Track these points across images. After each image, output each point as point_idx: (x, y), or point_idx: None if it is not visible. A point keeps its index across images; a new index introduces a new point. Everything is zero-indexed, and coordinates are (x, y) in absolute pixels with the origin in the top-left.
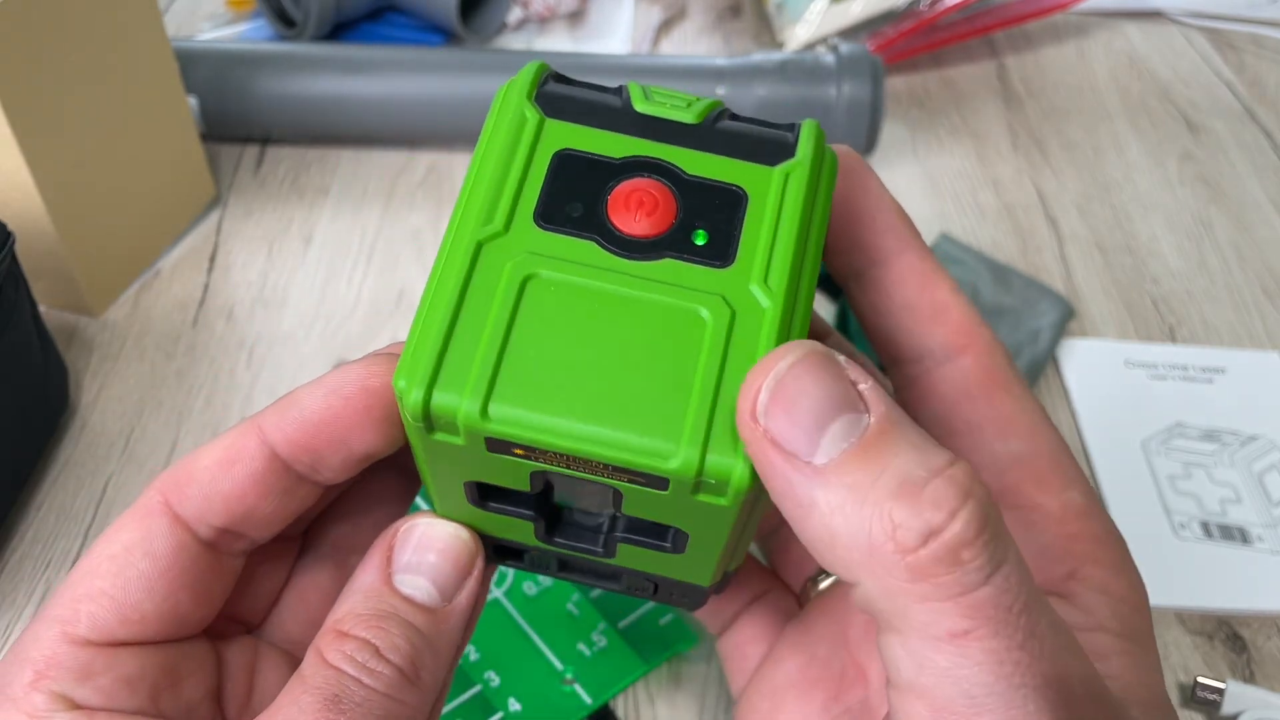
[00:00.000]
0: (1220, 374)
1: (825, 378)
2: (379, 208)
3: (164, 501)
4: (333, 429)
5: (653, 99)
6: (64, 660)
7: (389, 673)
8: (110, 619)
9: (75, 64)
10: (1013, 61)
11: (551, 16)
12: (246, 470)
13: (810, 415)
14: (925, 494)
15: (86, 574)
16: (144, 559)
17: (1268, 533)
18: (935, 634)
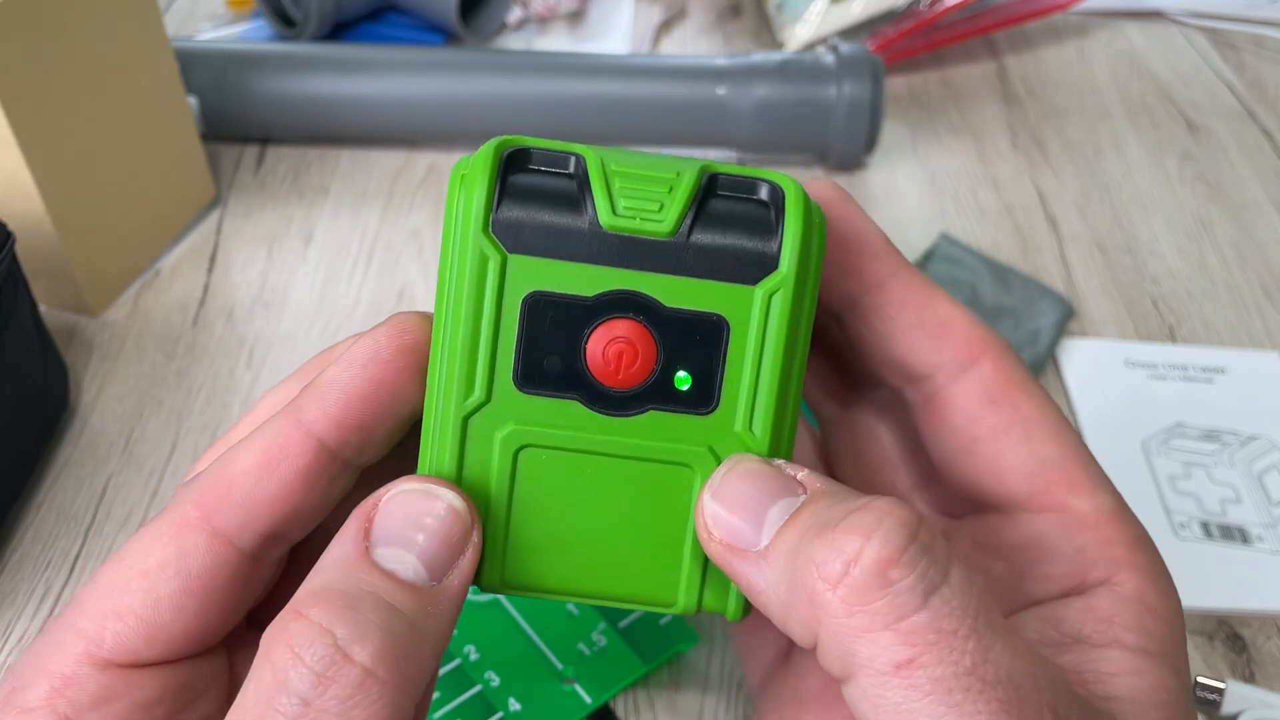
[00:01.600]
0: (1220, 374)
1: (757, 474)
2: (379, 208)
3: (201, 515)
4: (381, 397)
5: (620, 204)
6: (84, 682)
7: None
8: (136, 640)
9: (75, 64)
10: (1013, 61)
11: (551, 16)
12: (293, 468)
13: (749, 509)
14: (840, 528)
15: (116, 588)
16: (176, 578)
17: (1268, 533)
18: (881, 668)
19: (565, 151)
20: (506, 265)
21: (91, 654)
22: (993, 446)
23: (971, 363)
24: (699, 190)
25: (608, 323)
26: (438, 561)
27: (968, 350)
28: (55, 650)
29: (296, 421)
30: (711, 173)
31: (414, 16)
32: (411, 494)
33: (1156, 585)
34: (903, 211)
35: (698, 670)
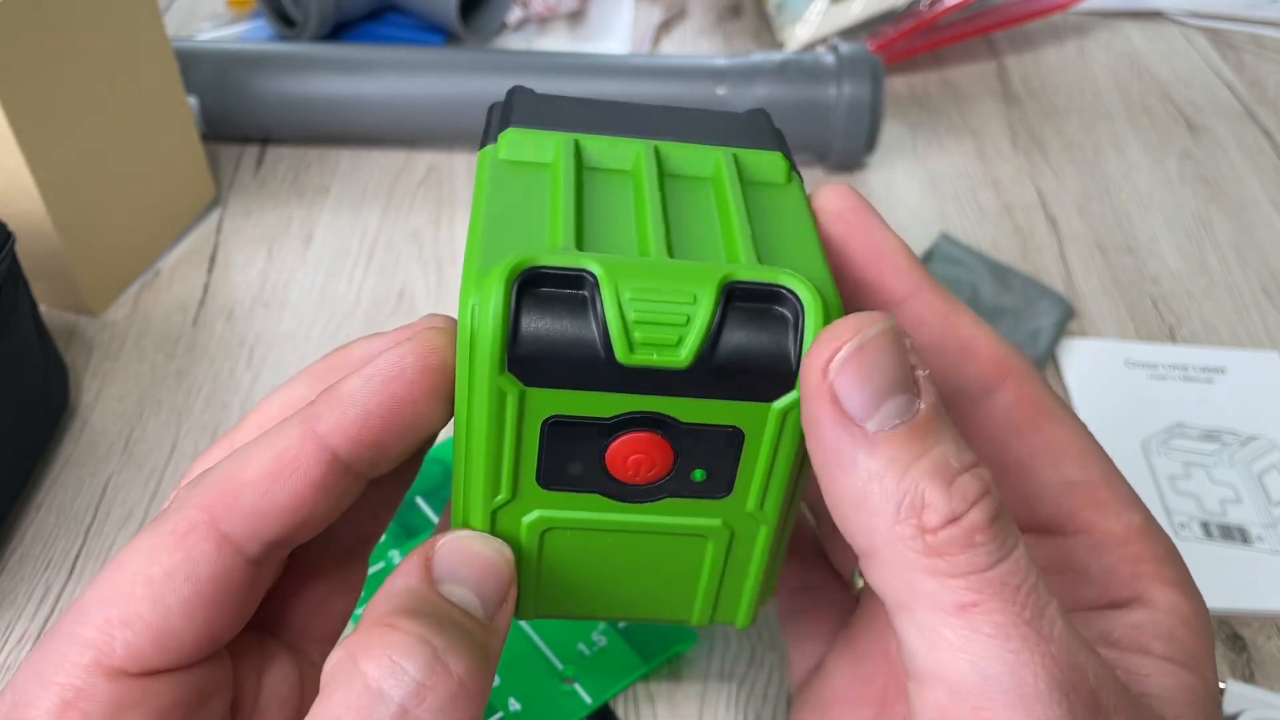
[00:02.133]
0: (1220, 374)
1: (897, 356)
2: (379, 208)
3: (209, 520)
4: (401, 416)
5: (636, 337)
6: (97, 693)
7: (448, 686)
8: (148, 648)
9: (75, 64)
10: (1013, 61)
11: (551, 16)
12: (305, 479)
13: (875, 385)
14: (956, 483)
15: (120, 596)
16: (186, 584)
17: (1268, 533)
18: (943, 606)
19: (578, 269)
20: (525, 397)
21: (101, 663)
22: (1018, 475)
23: (995, 386)
24: (716, 314)
25: (627, 434)
26: (491, 600)
27: (991, 373)
28: (59, 661)
29: (311, 432)
30: (730, 285)
31: (414, 16)
32: (466, 539)
33: (1186, 598)
34: (903, 211)
35: (698, 670)
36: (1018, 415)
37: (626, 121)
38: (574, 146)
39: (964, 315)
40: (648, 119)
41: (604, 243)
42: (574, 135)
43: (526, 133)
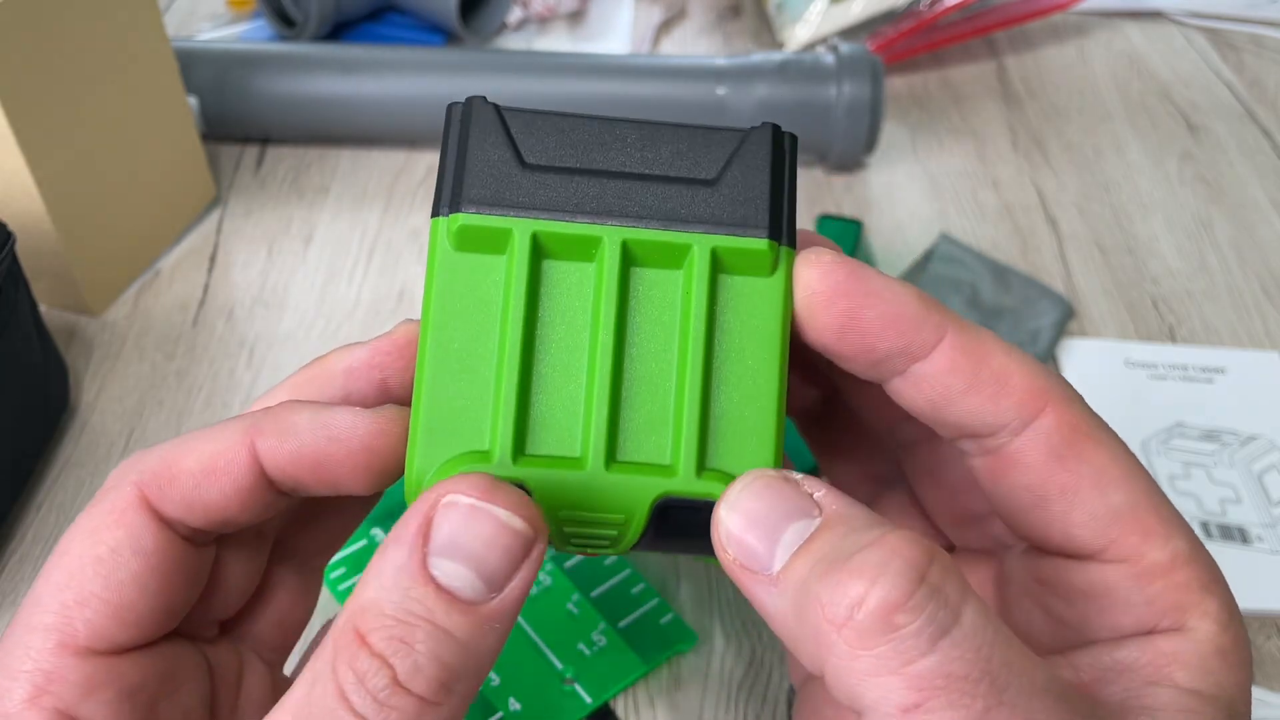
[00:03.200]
0: (1220, 374)
1: (774, 492)
2: (379, 208)
3: (142, 497)
4: (326, 471)
5: (570, 540)
6: (66, 674)
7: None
8: (108, 624)
9: (75, 64)
10: (1013, 61)
11: (551, 16)
12: (233, 483)
13: (763, 529)
14: (847, 567)
15: (73, 579)
16: (134, 558)
17: (1267, 533)
18: (888, 711)
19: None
20: None
21: (66, 645)
22: (1061, 504)
23: (1034, 416)
24: (646, 527)
25: None
26: (497, 575)
27: (1029, 404)
28: (24, 651)
29: (248, 443)
30: (664, 501)
31: (414, 16)
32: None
33: (1227, 629)
34: (903, 211)
35: (698, 670)
36: (1058, 441)
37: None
38: (529, 255)
39: (994, 347)
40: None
41: (548, 412)
42: (532, 227)
43: (482, 221)
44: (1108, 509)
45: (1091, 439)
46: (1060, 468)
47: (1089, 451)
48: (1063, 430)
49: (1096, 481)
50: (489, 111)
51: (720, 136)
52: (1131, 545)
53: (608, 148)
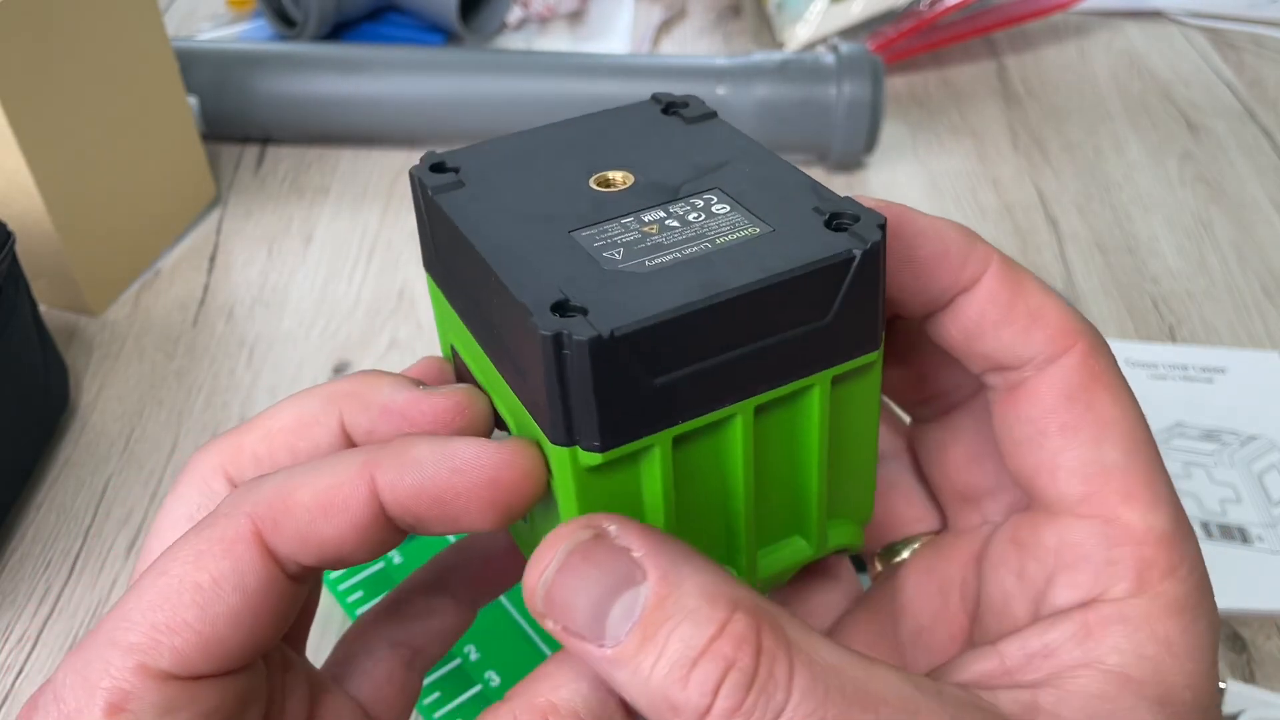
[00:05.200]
0: (1220, 374)
1: (592, 569)
2: (379, 208)
3: (255, 531)
4: (449, 506)
5: None
6: (145, 695)
7: None
8: (196, 654)
9: (75, 64)
10: (1013, 61)
11: (551, 16)
12: (351, 520)
13: (588, 608)
14: (692, 679)
15: (167, 603)
16: (235, 594)
17: (1268, 533)
18: None
19: None
20: None
21: (148, 667)
22: (1058, 442)
23: (1061, 353)
24: None
25: None
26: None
27: (1060, 340)
28: (104, 667)
29: (368, 477)
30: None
31: (414, 16)
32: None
33: (1180, 619)
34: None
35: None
36: (1074, 382)
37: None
38: (670, 456)
39: (1030, 283)
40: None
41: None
42: (670, 434)
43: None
44: (1099, 461)
45: (1108, 390)
46: (1066, 408)
47: (1100, 400)
48: (1081, 373)
49: (1097, 431)
50: (608, 345)
51: (830, 273)
52: (1110, 504)
53: (724, 330)
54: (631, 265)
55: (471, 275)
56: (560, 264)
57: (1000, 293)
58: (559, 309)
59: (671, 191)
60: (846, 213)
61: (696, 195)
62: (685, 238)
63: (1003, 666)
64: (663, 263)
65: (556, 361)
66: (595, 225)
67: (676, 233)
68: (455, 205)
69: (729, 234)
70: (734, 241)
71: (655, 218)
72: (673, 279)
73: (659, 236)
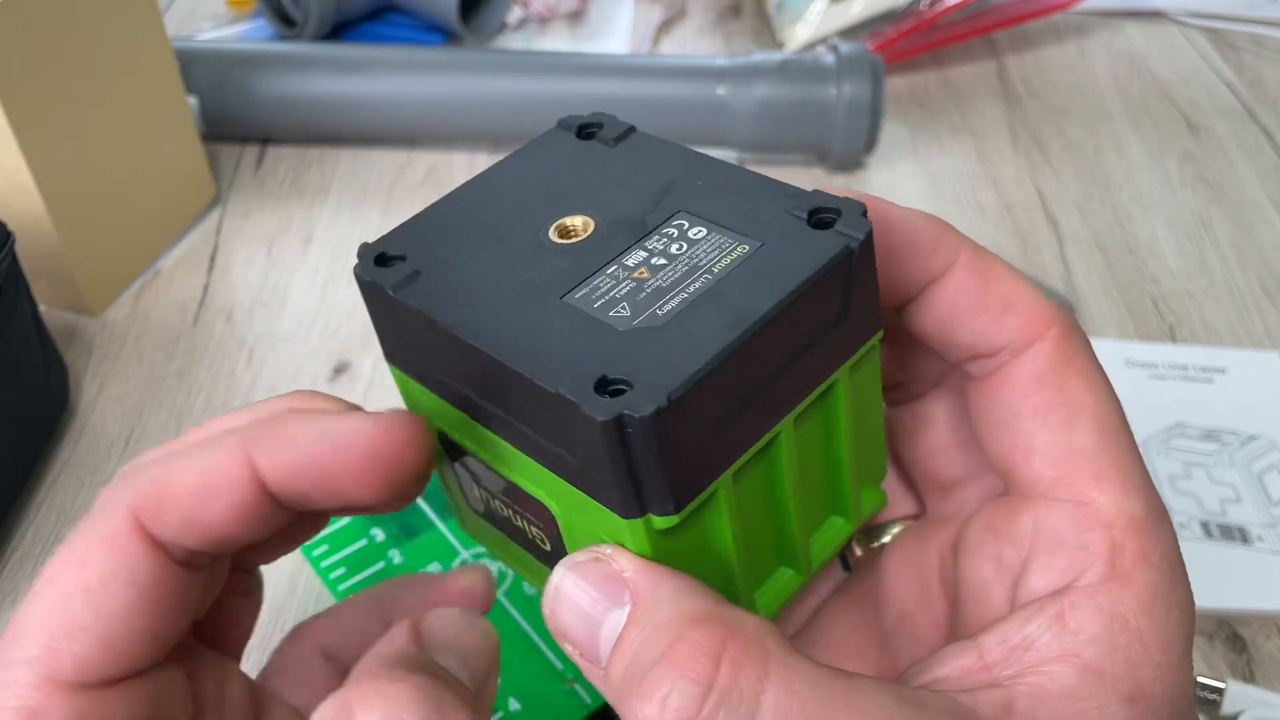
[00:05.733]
0: (1220, 374)
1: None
2: (379, 208)
3: (136, 522)
4: (331, 483)
5: None
6: (53, 709)
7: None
8: (95, 657)
9: (75, 64)
10: (1013, 61)
11: (551, 16)
12: (231, 501)
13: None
14: (642, 687)
15: (59, 610)
16: (126, 588)
17: (1268, 533)
18: None
19: None
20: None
21: (52, 679)
22: (1031, 425)
23: (1035, 339)
24: None
25: None
26: (478, 676)
27: (1032, 327)
28: (7, 688)
29: (245, 458)
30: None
31: (414, 16)
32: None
33: (1152, 611)
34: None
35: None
36: (1046, 367)
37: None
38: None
39: (1002, 271)
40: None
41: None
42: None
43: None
44: (1070, 444)
45: (1080, 375)
46: (1039, 391)
47: (1072, 384)
48: (1054, 358)
49: (1070, 415)
50: (669, 413)
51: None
52: (1081, 487)
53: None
54: (645, 319)
55: (470, 369)
56: (573, 337)
57: (972, 281)
58: (602, 388)
59: (639, 226)
60: (825, 207)
61: (665, 224)
62: (681, 274)
63: (982, 662)
64: (674, 308)
65: (621, 443)
66: (583, 284)
67: (668, 271)
68: (423, 298)
69: (720, 258)
70: (731, 266)
71: (639, 260)
72: (695, 323)
73: (654, 279)
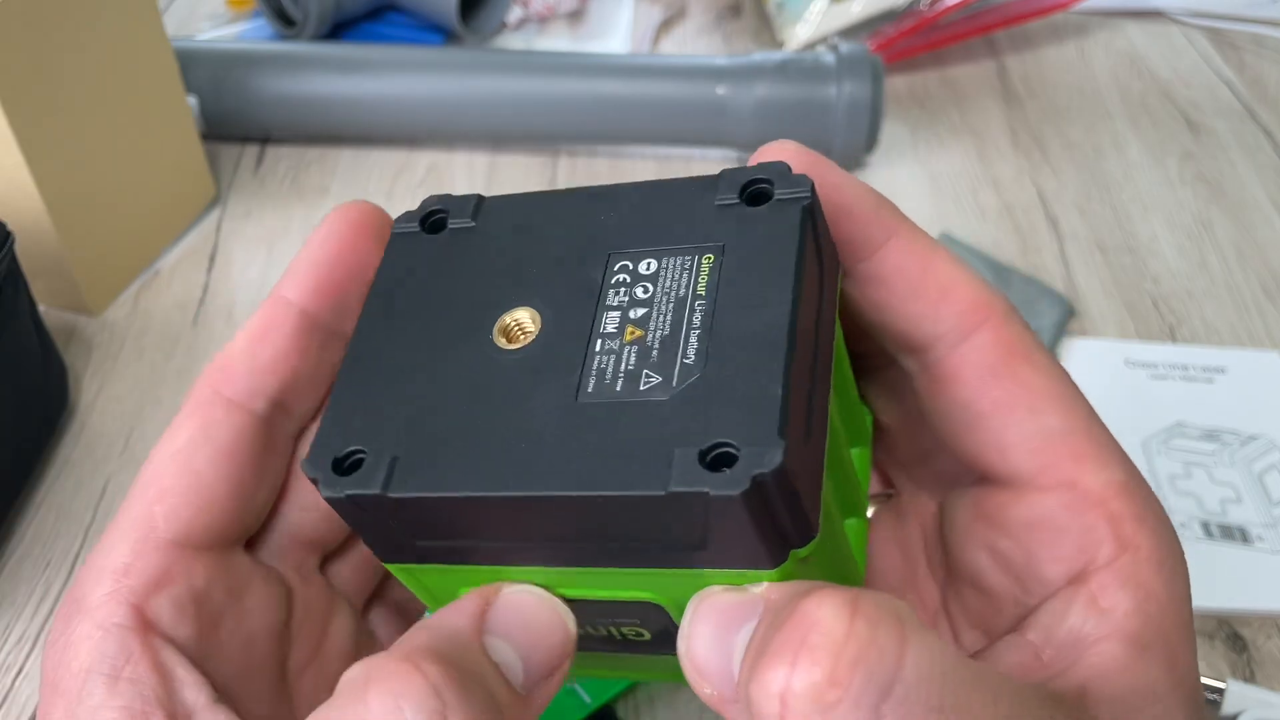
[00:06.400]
0: (1220, 374)
1: (719, 608)
2: None
3: (213, 391)
4: (346, 260)
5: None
6: (143, 565)
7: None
8: (184, 510)
9: (75, 64)
10: (1013, 61)
11: (551, 16)
12: (282, 334)
13: (719, 652)
14: (765, 658)
15: (154, 478)
16: (207, 444)
17: (1268, 532)
18: None
19: None
20: None
21: (146, 537)
22: (996, 421)
23: (973, 330)
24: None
25: None
26: (535, 670)
27: (970, 316)
28: (109, 550)
29: (277, 299)
30: None
31: (414, 16)
32: (532, 597)
33: (1161, 568)
34: (903, 211)
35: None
36: (993, 358)
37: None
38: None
39: (942, 256)
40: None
41: None
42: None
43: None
44: (1040, 431)
45: (1028, 360)
46: (994, 384)
47: (1024, 371)
48: (999, 347)
49: (1031, 402)
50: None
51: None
52: (1065, 471)
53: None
54: (679, 374)
55: (529, 520)
56: (629, 432)
57: (907, 264)
58: (710, 460)
59: (585, 290)
60: (754, 180)
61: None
62: (673, 314)
63: (1038, 659)
64: (698, 348)
65: (763, 503)
66: (584, 377)
67: (657, 318)
68: (428, 482)
69: (695, 279)
70: (714, 281)
71: (616, 324)
72: (734, 351)
73: (651, 333)
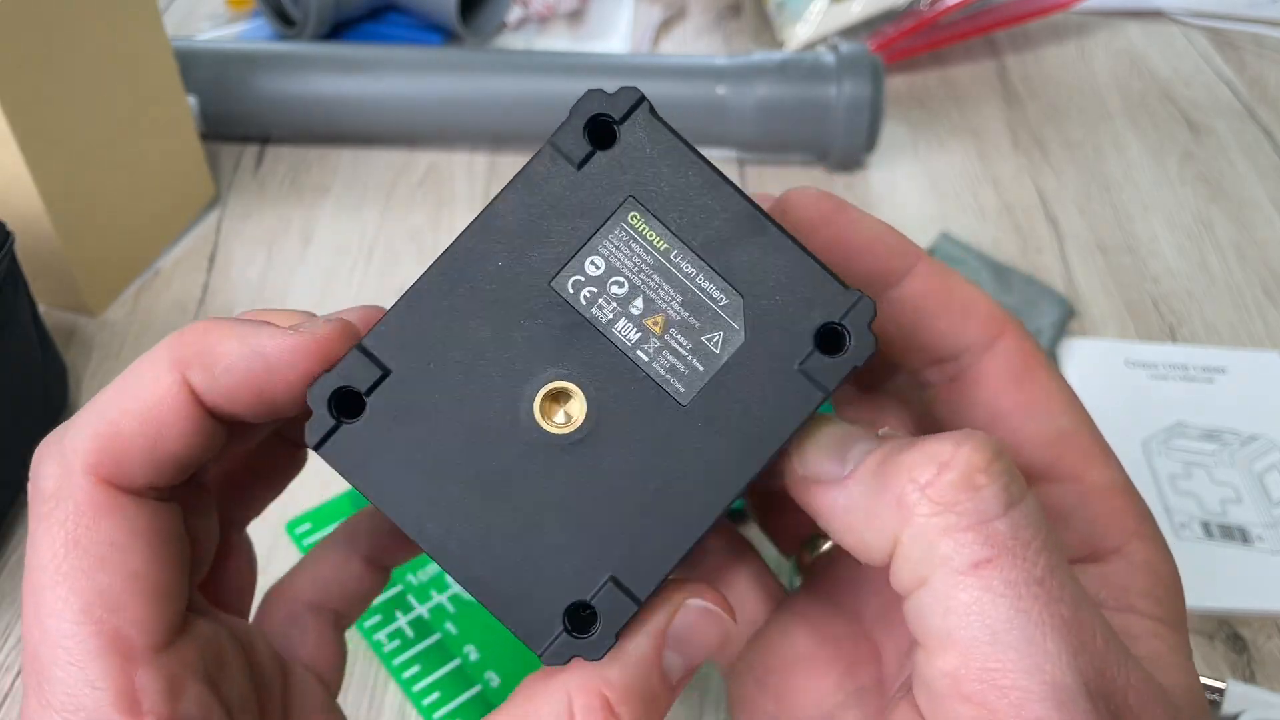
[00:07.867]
0: (1220, 374)
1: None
2: (379, 207)
3: (101, 480)
4: (267, 399)
5: None
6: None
7: None
8: (150, 613)
9: (75, 64)
10: (1013, 61)
11: (551, 16)
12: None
13: (832, 450)
14: (932, 439)
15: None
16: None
17: (1268, 533)
18: (959, 567)
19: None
20: None
21: (128, 658)
22: (1017, 420)
23: (994, 340)
24: None
25: None
26: (691, 671)
27: (991, 329)
28: (86, 684)
29: (180, 380)
30: None
31: (414, 16)
32: (708, 612)
33: (1163, 556)
34: (903, 211)
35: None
36: (1017, 365)
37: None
38: None
39: (957, 278)
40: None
41: None
42: None
43: None
44: (1055, 429)
45: (1043, 367)
46: (1017, 388)
47: (1041, 377)
48: (1019, 355)
49: (1046, 404)
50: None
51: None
52: (1075, 465)
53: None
54: (727, 312)
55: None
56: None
57: (934, 286)
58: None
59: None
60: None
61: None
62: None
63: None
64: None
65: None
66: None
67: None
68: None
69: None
70: (658, 225)
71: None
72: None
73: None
